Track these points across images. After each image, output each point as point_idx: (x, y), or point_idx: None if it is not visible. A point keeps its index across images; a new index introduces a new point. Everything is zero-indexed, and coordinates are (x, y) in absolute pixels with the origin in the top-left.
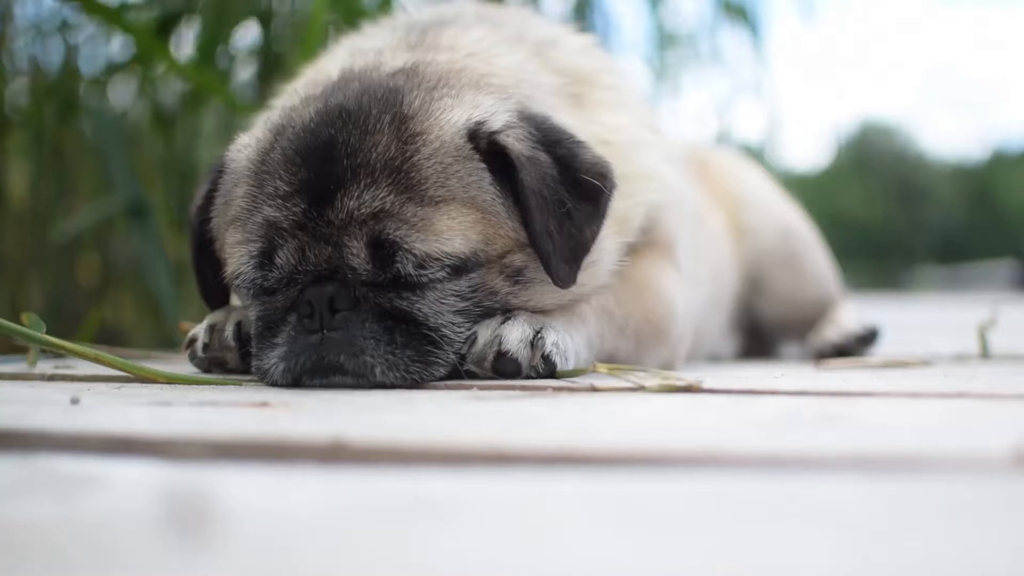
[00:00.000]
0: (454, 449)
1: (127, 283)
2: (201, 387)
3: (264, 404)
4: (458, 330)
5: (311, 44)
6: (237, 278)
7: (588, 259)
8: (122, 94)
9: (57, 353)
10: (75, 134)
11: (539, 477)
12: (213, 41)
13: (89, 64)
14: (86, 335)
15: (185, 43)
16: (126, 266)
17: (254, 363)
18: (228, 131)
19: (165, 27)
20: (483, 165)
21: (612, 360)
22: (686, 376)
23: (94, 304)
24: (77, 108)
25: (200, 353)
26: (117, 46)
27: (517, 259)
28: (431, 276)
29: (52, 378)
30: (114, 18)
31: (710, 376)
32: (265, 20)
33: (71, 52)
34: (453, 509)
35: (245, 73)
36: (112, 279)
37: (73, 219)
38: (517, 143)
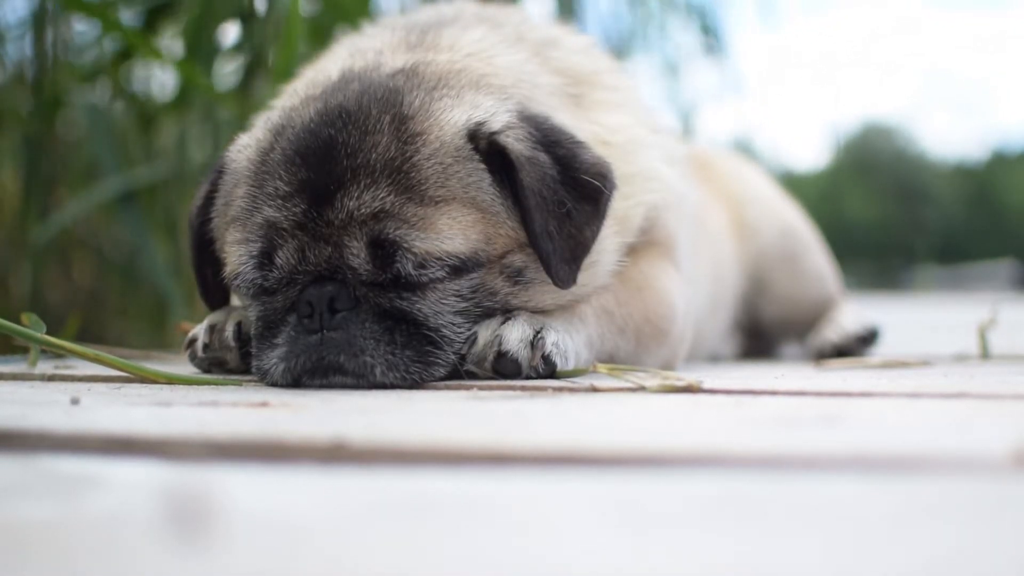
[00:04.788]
0: (454, 449)
1: (121, 282)
2: (201, 387)
3: (264, 404)
4: (458, 330)
5: (290, 42)
6: (237, 278)
7: (588, 259)
8: (101, 94)
9: (57, 353)
10: (60, 131)
11: (539, 477)
12: (199, 35)
13: (77, 58)
14: (66, 338)
15: (168, 41)
16: (121, 264)
17: (254, 363)
18: (214, 132)
19: (151, 22)
20: (483, 165)
21: (612, 360)
22: (686, 376)
23: (87, 303)
24: (62, 103)
25: (200, 353)
26: (106, 43)
27: (517, 259)
28: (431, 276)
29: (52, 378)
30: (99, 14)
31: (710, 376)
32: (247, 19)
33: (56, 47)
34: (453, 509)
35: (228, 74)
36: (107, 278)
37: (58, 213)
38: (517, 143)
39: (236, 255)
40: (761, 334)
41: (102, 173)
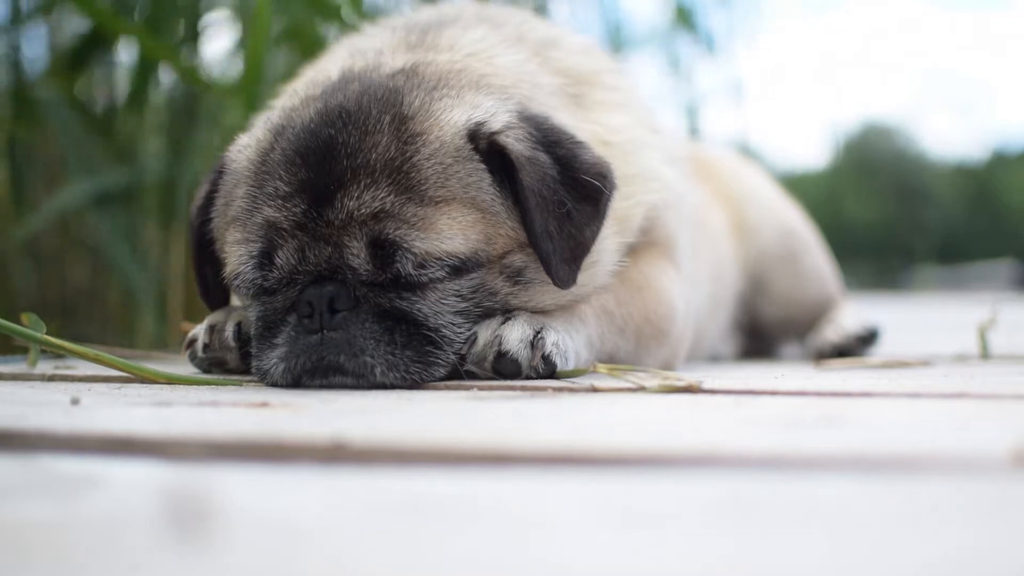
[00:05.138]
0: (454, 449)
1: (113, 281)
2: (201, 387)
3: (264, 404)
4: (458, 330)
5: (257, 41)
6: (237, 278)
7: (588, 259)
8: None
9: (57, 353)
10: (44, 131)
11: (539, 477)
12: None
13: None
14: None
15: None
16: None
17: (254, 363)
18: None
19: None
20: (483, 166)
21: (612, 360)
22: (686, 376)
23: (83, 301)
24: (36, 102)
25: (200, 353)
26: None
27: (517, 259)
28: (431, 276)
29: (52, 378)
30: None
31: (710, 376)
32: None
33: (54, 44)
34: (453, 509)
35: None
36: (102, 276)
37: (35, 213)
38: (517, 143)
39: (236, 255)
40: (761, 334)
41: (81, 173)
